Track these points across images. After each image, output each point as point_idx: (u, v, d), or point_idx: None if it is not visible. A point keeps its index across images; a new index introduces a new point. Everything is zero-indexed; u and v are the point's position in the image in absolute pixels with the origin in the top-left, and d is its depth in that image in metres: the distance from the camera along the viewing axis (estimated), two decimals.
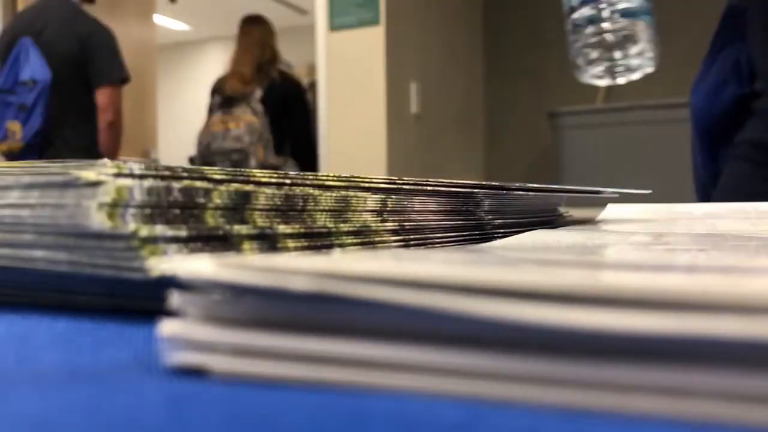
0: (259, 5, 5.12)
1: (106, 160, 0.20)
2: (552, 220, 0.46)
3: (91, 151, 1.87)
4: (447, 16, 2.60)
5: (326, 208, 0.26)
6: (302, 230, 0.24)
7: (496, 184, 0.36)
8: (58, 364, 0.16)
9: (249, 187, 0.23)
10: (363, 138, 2.21)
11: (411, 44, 2.35)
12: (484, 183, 0.36)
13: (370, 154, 2.21)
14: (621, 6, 0.60)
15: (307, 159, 2.28)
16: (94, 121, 1.90)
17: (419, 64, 2.39)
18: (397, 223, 0.30)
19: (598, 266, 0.19)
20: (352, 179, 0.28)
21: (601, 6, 0.60)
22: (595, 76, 0.63)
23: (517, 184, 0.38)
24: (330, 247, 0.26)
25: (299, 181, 0.25)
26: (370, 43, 2.23)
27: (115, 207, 0.19)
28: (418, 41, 2.40)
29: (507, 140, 2.82)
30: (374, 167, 2.18)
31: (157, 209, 0.20)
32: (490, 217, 0.37)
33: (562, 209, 0.49)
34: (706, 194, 0.76)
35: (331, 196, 0.27)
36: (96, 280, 0.21)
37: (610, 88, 2.56)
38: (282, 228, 0.24)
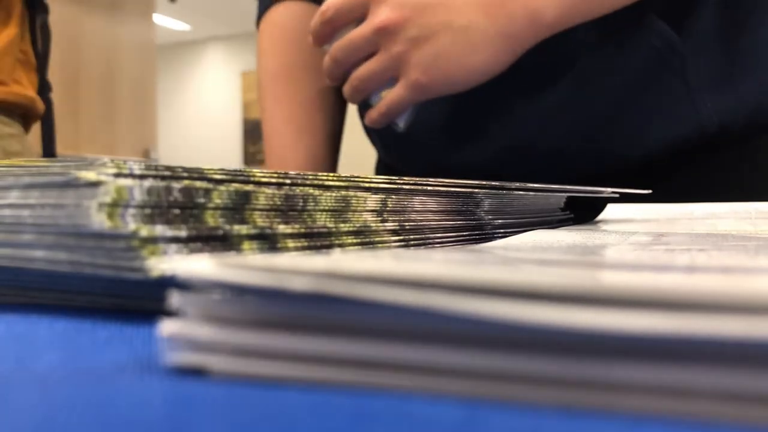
0: None
1: (106, 160, 0.20)
2: (552, 220, 0.46)
3: None
4: None
5: (326, 208, 0.26)
6: (302, 230, 0.24)
7: (496, 184, 0.36)
8: (58, 364, 0.16)
9: (249, 187, 0.23)
10: (363, 138, 2.20)
11: None
12: (484, 183, 0.36)
13: (370, 154, 2.20)
14: None
15: None
16: None
17: None
18: (397, 223, 0.30)
19: (598, 266, 0.19)
20: (352, 179, 0.28)
21: None
22: None
23: (517, 184, 0.38)
24: (330, 247, 0.26)
25: (299, 181, 0.25)
26: None
27: (115, 207, 0.19)
28: None
29: None
30: (374, 167, 2.18)
31: (157, 209, 0.20)
32: (490, 217, 0.37)
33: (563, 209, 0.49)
34: None
35: (331, 196, 0.27)
36: (96, 280, 0.21)
37: None
38: (282, 228, 0.24)
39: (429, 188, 0.32)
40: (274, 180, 0.24)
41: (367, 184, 0.28)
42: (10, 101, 0.92)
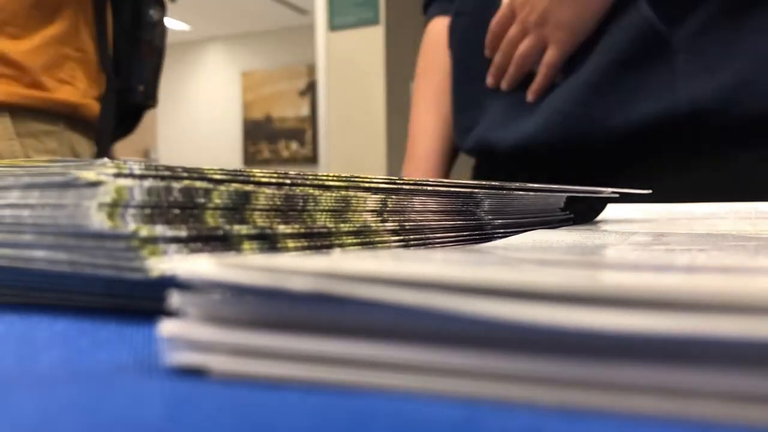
0: (259, 5, 5.13)
1: (106, 160, 0.20)
2: (552, 220, 0.46)
3: None
4: None
5: (326, 208, 0.26)
6: (302, 230, 0.24)
7: (496, 184, 0.36)
8: (58, 364, 0.16)
9: (249, 187, 0.23)
10: (363, 138, 2.21)
11: (411, 44, 2.35)
12: (484, 183, 0.36)
13: (370, 154, 2.21)
14: None
15: None
16: None
17: None
18: (397, 223, 0.30)
19: (598, 266, 0.19)
20: (352, 179, 0.28)
21: None
22: None
23: (517, 184, 0.38)
24: (330, 247, 0.26)
25: (299, 181, 0.25)
26: (369, 43, 2.23)
27: (115, 207, 0.19)
28: (418, 41, 2.40)
29: None
30: (374, 167, 2.18)
31: (157, 209, 0.20)
32: (490, 217, 0.37)
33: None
34: None
35: (331, 196, 0.27)
36: (96, 280, 0.21)
37: None
38: (282, 228, 0.24)
39: (429, 188, 0.32)
40: (274, 180, 0.24)
41: (367, 184, 0.28)
42: (37, 107, 0.88)
